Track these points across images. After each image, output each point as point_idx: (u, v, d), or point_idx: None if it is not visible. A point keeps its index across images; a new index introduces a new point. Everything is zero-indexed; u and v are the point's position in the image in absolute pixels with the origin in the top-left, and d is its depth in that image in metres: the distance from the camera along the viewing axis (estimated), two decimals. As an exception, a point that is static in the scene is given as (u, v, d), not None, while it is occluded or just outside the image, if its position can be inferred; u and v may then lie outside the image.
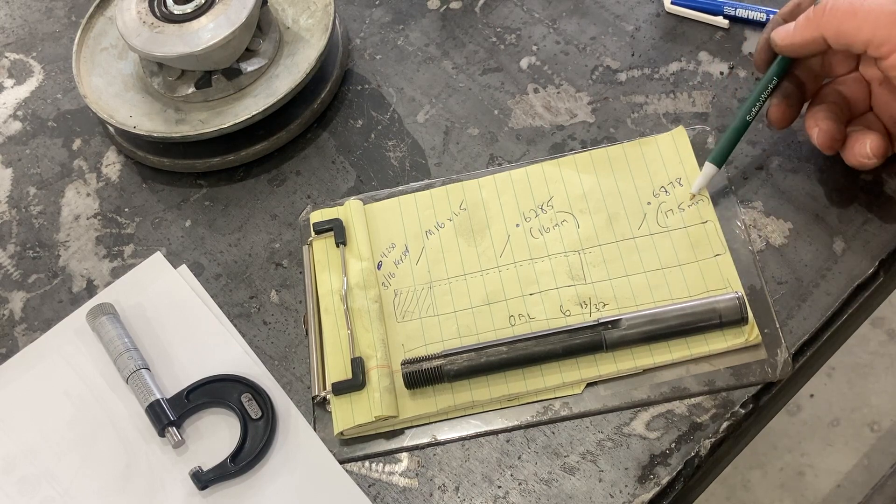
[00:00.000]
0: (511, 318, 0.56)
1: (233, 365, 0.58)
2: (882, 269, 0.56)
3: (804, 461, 1.37)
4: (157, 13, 0.65)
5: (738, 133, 0.57)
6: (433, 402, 0.54)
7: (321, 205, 0.63)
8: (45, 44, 0.78)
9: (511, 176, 0.62)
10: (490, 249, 0.59)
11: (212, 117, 0.66)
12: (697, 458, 0.52)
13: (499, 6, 0.71)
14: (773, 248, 0.57)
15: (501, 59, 0.69)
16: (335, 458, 0.54)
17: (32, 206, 0.69)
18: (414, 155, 0.65)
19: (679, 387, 0.53)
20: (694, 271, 0.56)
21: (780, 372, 0.53)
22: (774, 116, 0.57)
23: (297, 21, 0.69)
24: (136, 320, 0.61)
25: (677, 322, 0.53)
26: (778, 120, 0.57)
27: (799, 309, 0.55)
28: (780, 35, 0.55)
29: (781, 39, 0.55)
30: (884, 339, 1.45)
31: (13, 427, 0.59)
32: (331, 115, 0.69)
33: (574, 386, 0.54)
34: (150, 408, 0.56)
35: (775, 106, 0.56)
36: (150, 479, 0.56)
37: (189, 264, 0.63)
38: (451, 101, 0.67)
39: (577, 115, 0.65)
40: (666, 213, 0.58)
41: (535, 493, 0.52)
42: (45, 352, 0.61)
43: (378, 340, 0.56)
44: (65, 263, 0.65)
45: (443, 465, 0.54)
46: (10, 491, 0.56)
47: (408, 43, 0.71)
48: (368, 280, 0.58)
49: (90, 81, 0.69)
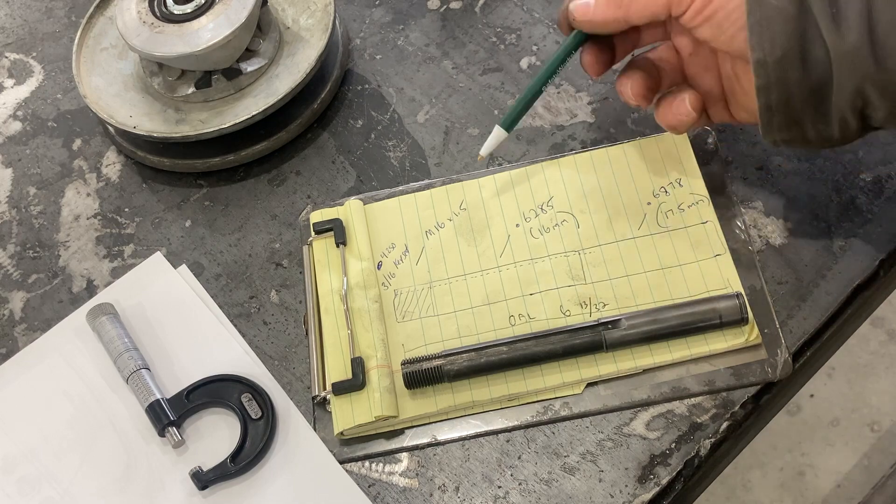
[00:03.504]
0: (511, 318, 0.56)
1: (233, 365, 0.58)
2: (882, 269, 0.56)
3: (804, 461, 1.37)
4: (157, 13, 0.65)
5: (528, 101, 0.58)
6: (433, 402, 0.54)
7: (321, 205, 0.63)
8: (45, 44, 0.78)
9: (511, 176, 0.62)
10: (490, 249, 0.59)
11: (212, 117, 0.66)
12: (697, 458, 0.52)
13: (499, 6, 0.71)
14: (773, 248, 0.57)
15: (501, 59, 0.69)
16: (335, 458, 0.54)
17: (32, 206, 0.69)
18: (414, 155, 0.65)
19: (679, 387, 0.53)
20: (694, 271, 0.56)
21: (780, 372, 0.53)
22: (587, 61, 0.56)
23: (297, 21, 0.69)
24: (136, 320, 0.61)
25: (677, 322, 0.53)
26: (590, 64, 0.56)
27: (799, 309, 0.55)
28: (579, 10, 0.54)
29: (581, 15, 0.54)
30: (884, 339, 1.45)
31: (13, 427, 0.59)
32: (331, 115, 0.69)
33: (574, 386, 0.54)
34: (150, 408, 0.56)
35: (587, 52, 0.56)
36: (150, 479, 0.56)
37: (189, 264, 0.63)
38: (451, 101, 0.67)
39: (577, 115, 0.65)
40: (666, 214, 0.58)
41: (535, 493, 0.52)
42: (45, 352, 0.61)
43: (378, 340, 0.56)
44: (65, 263, 0.65)
45: (443, 465, 0.54)
46: (10, 491, 0.56)
47: (408, 43, 0.71)
48: (368, 280, 0.58)
49: (90, 81, 0.69)
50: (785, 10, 0.46)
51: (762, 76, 0.47)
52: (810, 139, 0.49)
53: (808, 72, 0.46)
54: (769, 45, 0.46)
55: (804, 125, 0.48)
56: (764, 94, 0.48)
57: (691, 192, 0.59)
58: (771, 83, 0.47)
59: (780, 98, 0.48)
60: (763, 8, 0.46)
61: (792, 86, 0.47)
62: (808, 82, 0.47)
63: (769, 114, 0.49)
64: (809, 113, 0.48)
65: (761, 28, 0.47)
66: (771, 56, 0.47)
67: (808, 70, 0.46)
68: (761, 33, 0.47)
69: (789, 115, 0.48)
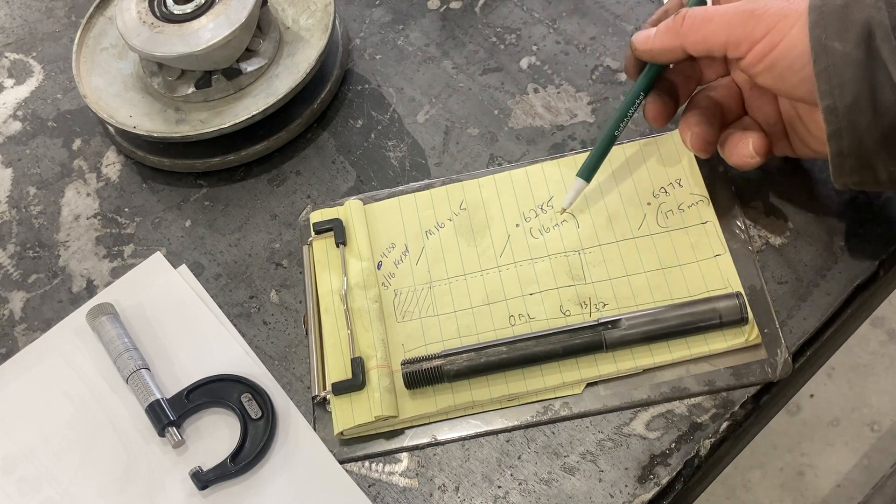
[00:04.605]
0: (511, 318, 0.56)
1: (233, 365, 0.58)
2: (882, 269, 0.56)
3: (804, 461, 1.37)
4: (157, 13, 0.65)
5: (606, 148, 0.58)
6: (433, 402, 0.54)
7: (321, 205, 0.63)
8: (45, 44, 0.78)
9: (511, 176, 0.62)
10: (490, 249, 0.59)
11: (212, 117, 0.66)
12: (697, 458, 0.52)
13: (499, 6, 0.71)
14: (773, 248, 0.57)
15: (501, 59, 0.69)
16: (335, 458, 0.54)
17: (32, 206, 0.69)
18: (414, 155, 0.65)
19: (679, 387, 0.53)
20: (694, 271, 0.56)
21: (780, 372, 0.53)
22: (651, 114, 0.56)
23: (297, 21, 0.69)
24: (136, 320, 0.61)
25: (677, 322, 0.53)
26: (654, 117, 0.56)
27: (799, 309, 0.55)
28: (639, 40, 0.55)
29: (640, 44, 0.55)
30: (884, 339, 1.45)
31: (13, 427, 0.59)
32: (331, 115, 0.69)
33: (574, 386, 0.54)
34: (150, 408, 0.56)
35: (651, 103, 0.56)
36: (150, 479, 0.56)
37: (189, 264, 0.63)
38: (451, 101, 0.67)
39: (577, 115, 0.65)
40: (666, 214, 0.58)
41: (535, 493, 0.52)
42: (45, 352, 0.61)
43: (378, 340, 0.56)
44: (65, 263, 0.65)
45: (443, 465, 0.54)
46: (10, 491, 0.56)
47: (408, 43, 0.71)
48: (368, 280, 0.58)
49: (90, 81, 0.69)
50: (853, 56, 0.46)
51: (833, 123, 0.47)
52: (882, 181, 0.49)
53: (879, 116, 0.46)
54: (839, 91, 0.46)
55: (876, 168, 0.48)
56: (835, 140, 0.47)
57: (691, 192, 0.59)
58: (842, 129, 0.47)
59: (852, 143, 0.47)
60: (830, 55, 0.46)
61: (863, 131, 0.47)
62: (879, 126, 0.46)
63: (841, 159, 0.48)
64: (882, 156, 0.47)
65: (829, 75, 0.46)
66: (841, 102, 0.46)
67: (879, 114, 0.46)
68: (830, 80, 0.46)
69: (861, 160, 0.48)
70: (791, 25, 0.48)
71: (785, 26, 0.48)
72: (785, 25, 0.48)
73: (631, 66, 0.57)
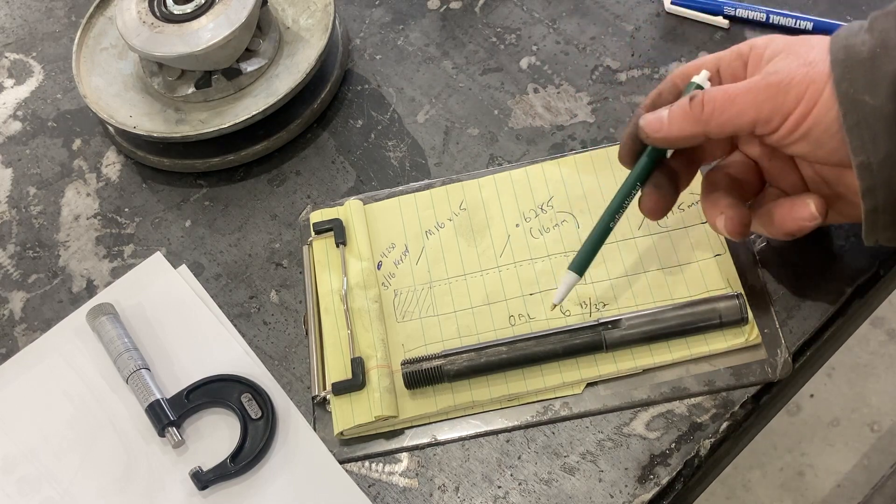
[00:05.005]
0: (511, 318, 0.56)
1: (233, 365, 0.58)
2: (882, 269, 0.56)
3: (804, 461, 1.37)
4: (157, 13, 0.65)
5: (599, 241, 0.52)
6: (433, 402, 0.54)
7: (321, 205, 0.63)
8: (45, 44, 0.78)
9: (511, 176, 0.62)
10: (490, 249, 0.59)
11: (212, 117, 0.66)
12: (697, 458, 0.52)
13: (499, 6, 0.71)
14: (773, 248, 0.57)
15: (501, 59, 0.69)
16: (335, 458, 0.54)
17: (32, 206, 0.69)
18: (414, 155, 0.65)
19: (679, 387, 0.53)
20: (694, 271, 0.56)
21: (780, 372, 0.53)
22: (648, 207, 0.52)
23: (297, 21, 0.69)
24: (136, 320, 0.61)
25: (677, 322, 0.53)
26: (651, 211, 0.52)
27: (799, 309, 0.55)
28: (652, 127, 0.50)
29: (655, 132, 0.50)
30: (884, 339, 1.45)
31: (13, 427, 0.59)
32: (331, 115, 0.69)
33: (574, 386, 0.54)
34: (150, 408, 0.56)
35: (648, 195, 0.52)
36: (150, 479, 0.56)
37: (189, 264, 0.63)
38: (451, 101, 0.67)
39: (577, 115, 0.65)
40: (666, 213, 0.58)
41: (535, 493, 0.52)
42: (45, 352, 0.61)
43: (378, 340, 0.56)
44: (65, 263, 0.65)
45: (443, 465, 0.54)
46: (10, 491, 0.56)
47: (408, 43, 0.71)
48: (368, 280, 0.58)
49: (90, 81, 0.69)
50: (883, 110, 0.44)
51: (867, 178, 0.45)
52: None
53: None
54: (871, 146, 0.45)
55: None
56: (870, 197, 0.46)
57: (691, 192, 0.59)
58: (877, 185, 0.45)
59: (887, 199, 0.46)
60: (860, 110, 0.45)
61: None
62: None
63: (875, 215, 0.46)
64: None
65: (861, 130, 0.45)
66: (875, 157, 0.45)
67: None
68: (862, 135, 0.45)
69: None
70: (820, 90, 0.46)
71: (814, 92, 0.46)
72: (814, 91, 0.46)
73: (626, 154, 0.53)
